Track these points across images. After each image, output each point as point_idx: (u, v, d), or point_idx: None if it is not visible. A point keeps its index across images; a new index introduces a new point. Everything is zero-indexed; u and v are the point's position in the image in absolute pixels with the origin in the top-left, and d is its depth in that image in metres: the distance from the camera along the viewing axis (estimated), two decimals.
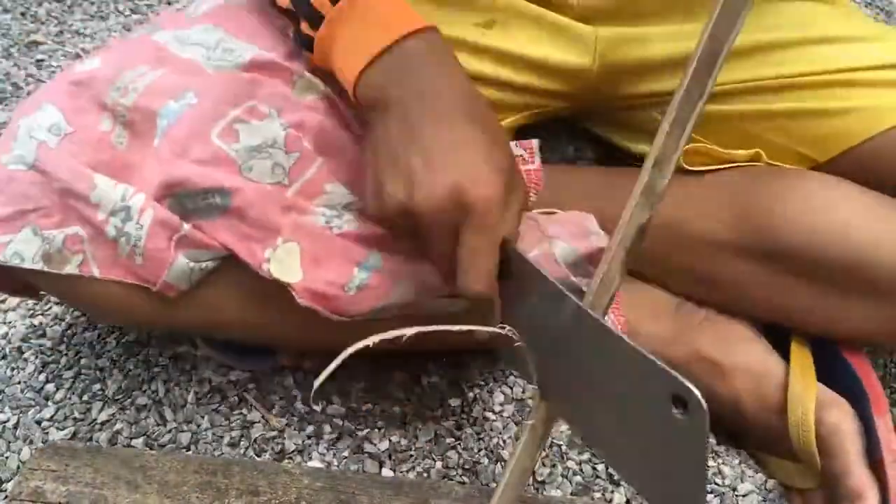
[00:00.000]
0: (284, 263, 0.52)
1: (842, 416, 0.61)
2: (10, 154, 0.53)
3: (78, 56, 1.10)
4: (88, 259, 0.53)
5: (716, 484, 0.65)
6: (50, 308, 0.75)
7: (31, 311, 0.75)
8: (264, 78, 0.55)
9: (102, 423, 0.65)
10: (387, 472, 0.63)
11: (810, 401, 0.62)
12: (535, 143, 0.63)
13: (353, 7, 0.50)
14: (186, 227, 0.51)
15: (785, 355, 0.67)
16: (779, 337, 0.69)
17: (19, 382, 0.69)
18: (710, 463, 0.67)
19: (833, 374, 0.66)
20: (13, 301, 0.76)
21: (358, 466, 0.63)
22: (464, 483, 0.62)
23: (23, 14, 1.16)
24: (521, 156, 0.62)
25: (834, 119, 0.64)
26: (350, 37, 0.49)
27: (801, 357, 0.66)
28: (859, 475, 0.59)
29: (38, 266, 0.53)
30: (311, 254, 0.52)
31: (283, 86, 0.55)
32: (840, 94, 0.64)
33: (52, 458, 0.56)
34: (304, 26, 0.52)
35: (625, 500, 0.63)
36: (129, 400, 0.67)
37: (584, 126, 0.77)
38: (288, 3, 0.53)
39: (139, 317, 0.55)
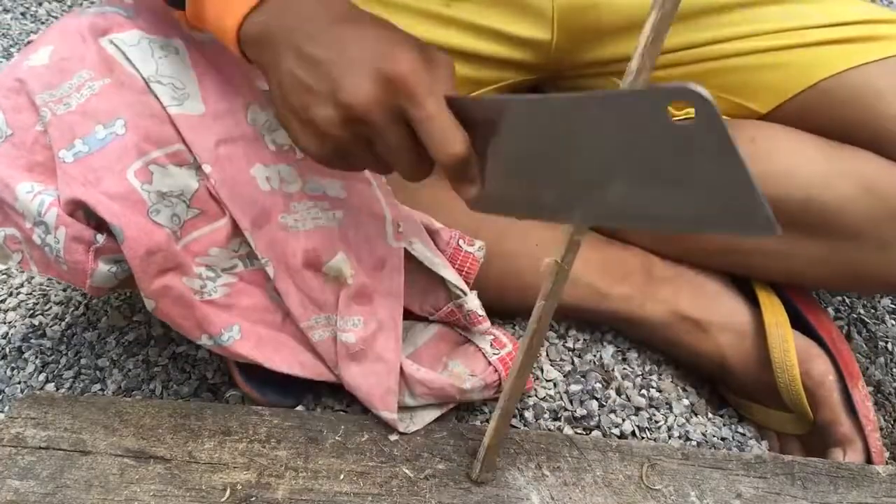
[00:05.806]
0: (147, 305, 0.55)
1: (824, 369, 0.67)
2: None
3: None
4: (27, 258, 0.55)
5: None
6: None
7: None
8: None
9: None
10: None
11: (792, 357, 0.66)
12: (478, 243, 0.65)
13: None
14: (101, 238, 0.52)
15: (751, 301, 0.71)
16: (738, 281, 0.72)
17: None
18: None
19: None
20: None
21: None
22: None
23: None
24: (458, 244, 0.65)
25: (769, 73, 0.67)
26: None
27: (773, 307, 0.69)
28: (847, 424, 0.66)
29: None
30: (167, 315, 0.55)
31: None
32: (777, 52, 0.67)
33: (32, 407, 0.58)
34: None
35: None
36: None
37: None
38: None
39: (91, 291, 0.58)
